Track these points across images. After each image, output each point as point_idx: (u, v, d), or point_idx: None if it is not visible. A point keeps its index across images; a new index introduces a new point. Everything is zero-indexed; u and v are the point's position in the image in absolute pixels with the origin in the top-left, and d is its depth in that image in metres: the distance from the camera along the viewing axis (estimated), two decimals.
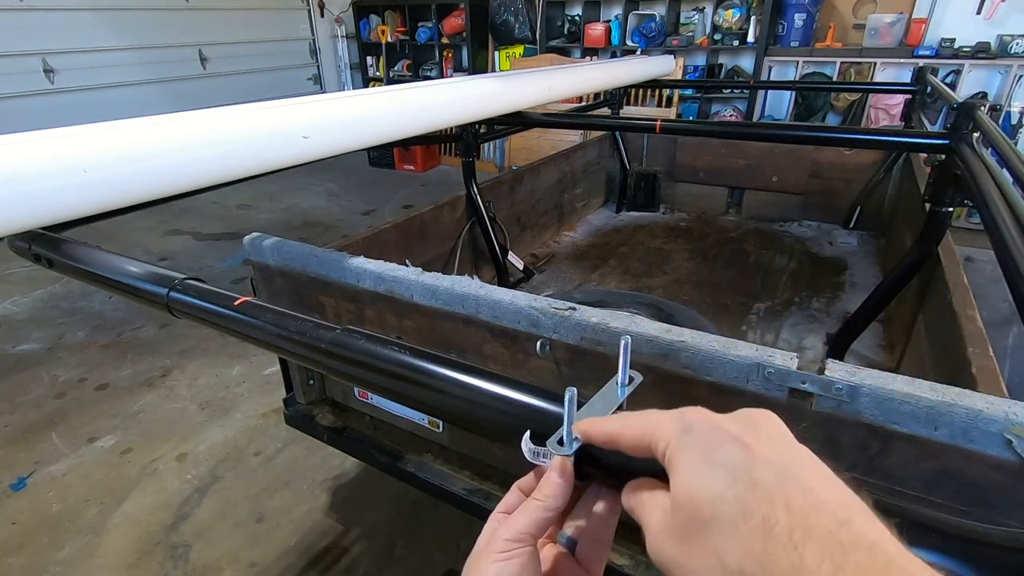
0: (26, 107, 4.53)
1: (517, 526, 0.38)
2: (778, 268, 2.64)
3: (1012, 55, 3.99)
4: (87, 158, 0.81)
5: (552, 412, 0.44)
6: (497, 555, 0.37)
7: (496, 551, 0.37)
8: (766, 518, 0.26)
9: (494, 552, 0.37)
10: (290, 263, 1.26)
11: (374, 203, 5.13)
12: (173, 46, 5.43)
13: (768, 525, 0.26)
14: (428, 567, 1.69)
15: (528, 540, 0.38)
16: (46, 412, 2.34)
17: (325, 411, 1.47)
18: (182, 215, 4.60)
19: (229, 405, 2.38)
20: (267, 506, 1.89)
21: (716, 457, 0.29)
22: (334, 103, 1.21)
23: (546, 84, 1.93)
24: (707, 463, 0.29)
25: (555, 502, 0.39)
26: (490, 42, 5.98)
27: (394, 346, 0.55)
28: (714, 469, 0.29)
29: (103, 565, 1.70)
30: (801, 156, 3.01)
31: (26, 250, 0.90)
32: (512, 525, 0.38)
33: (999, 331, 1.95)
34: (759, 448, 0.29)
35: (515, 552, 0.37)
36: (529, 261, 2.67)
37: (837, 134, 2.42)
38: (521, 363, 1.03)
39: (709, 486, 0.28)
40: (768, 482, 0.27)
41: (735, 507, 0.27)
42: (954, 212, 1.55)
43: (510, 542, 0.37)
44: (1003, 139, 1.27)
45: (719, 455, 0.29)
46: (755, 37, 4.68)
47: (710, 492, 0.28)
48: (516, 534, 0.38)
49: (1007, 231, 0.86)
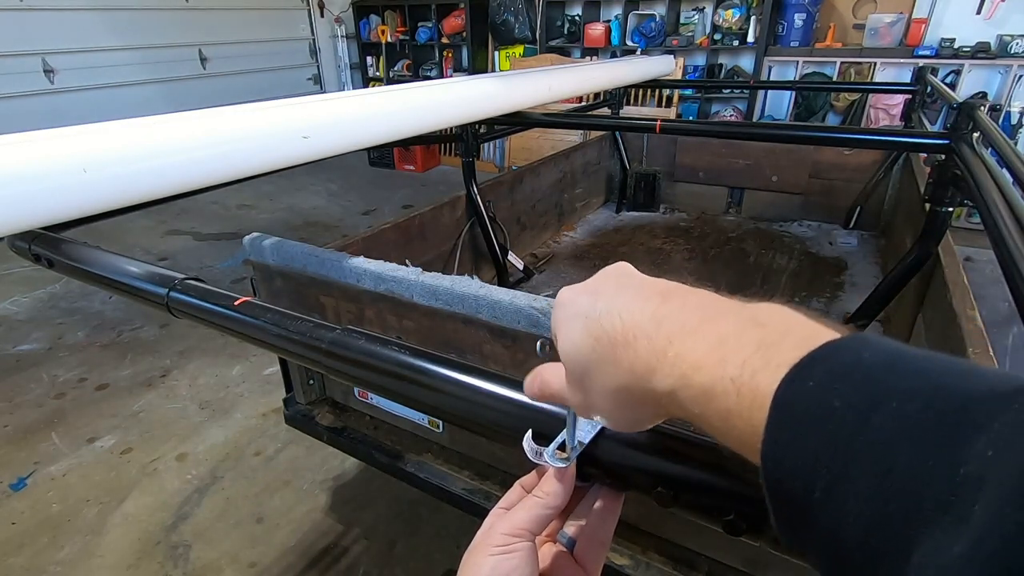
0: (26, 107, 4.53)
1: (515, 521, 0.38)
2: (778, 268, 2.64)
3: (1012, 55, 3.98)
4: (87, 158, 0.81)
5: (552, 412, 0.44)
6: (494, 548, 0.37)
7: (494, 544, 0.37)
8: (610, 336, 0.31)
9: (491, 545, 0.37)
10: (290, 263, 1.26)
11: (374, 203, 5.13)
12: (173, 46, 5.43)
13: (613, 340, 0.31)
14: (428, 567, 1.69)
15: (526, 536, 0.38)
16: (46, 412, 2.34)
17: (325, 411, 1.48)
18: (182, 215, 4.60)
19: (229, 405, 2.38)
20: (267, 506, 1.89)
21: (571, 312, 0.35)
22: (334, 103, 1.21)
23: (546, 84, 1.93)
24: (567, 320, 0.35)
25: (555, 500, 0.39)
26: (490, 42, 5.98)
27: (394, 346, 0.55)
28: (571, 323, 0.34)
29: (103, 565, 1.70)
30: (801, 156, 3.01)
31: (26, 250, 0.90)
32: (511, 520, 0.38)
33: (999, 331, 1.96)
34: (603, 289, 0.34)
35: (512, 546, 0.37)
36: (529, 261, 2.67)
37: (837, 134, 2.43)
38: (521, 363, 1.03)
39: (572, 339, 0.34)
40: (610, 306, 0.32)
41: (592, 343, 0.32)
42: (954, 212, 1.55)
43: (508, 536, 0.37)
44: (1003, 139, 1.27)
45: (572, 309, 0.35)
46: (755, 37, 4.67)
47: (574, 344, 0.33)
48: (514, 529, 0.38)
49: (1007, 231, 0.86)
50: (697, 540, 1.01)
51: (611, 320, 0.32)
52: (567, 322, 0.35)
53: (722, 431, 0.27)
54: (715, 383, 0.26)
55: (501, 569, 0.36)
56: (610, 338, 0.31)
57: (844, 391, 0.22)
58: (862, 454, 0.21)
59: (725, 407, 0.26)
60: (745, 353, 0.26)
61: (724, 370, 0.26)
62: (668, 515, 0.98)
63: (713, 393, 0.26)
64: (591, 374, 0.33)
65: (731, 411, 0.26)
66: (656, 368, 0.29)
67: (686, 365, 0.28)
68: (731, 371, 0.26)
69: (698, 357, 0.27)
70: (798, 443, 0.23)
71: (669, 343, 0.29)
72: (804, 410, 0.23)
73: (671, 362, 0.28)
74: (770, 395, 0.24)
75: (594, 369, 0.33)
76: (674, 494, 0.37)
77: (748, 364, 0.26)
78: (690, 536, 1.01)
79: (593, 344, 0.32)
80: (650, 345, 0.30)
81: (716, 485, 0.36)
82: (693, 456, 0.38)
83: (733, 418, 0.26)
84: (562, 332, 0.35)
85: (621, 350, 0.31)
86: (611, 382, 0.32)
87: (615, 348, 0.31)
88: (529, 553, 0.37)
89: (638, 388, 0.30)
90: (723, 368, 0.26)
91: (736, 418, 0.26)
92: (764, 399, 0.24)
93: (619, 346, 0.31)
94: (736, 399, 0.25)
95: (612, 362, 0.31)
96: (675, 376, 0.28)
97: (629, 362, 0.30)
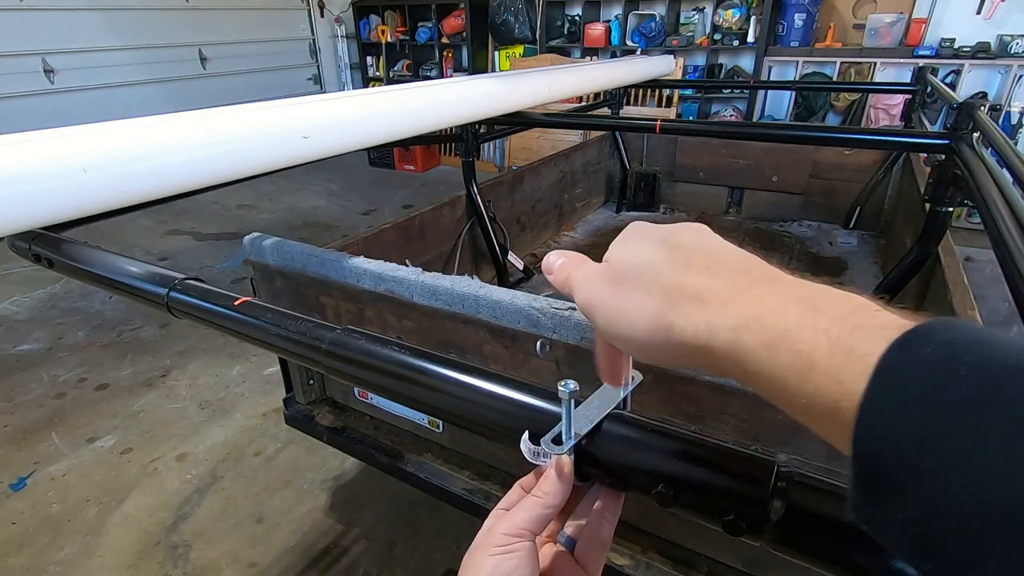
0: (26, 107, 4.52)
1: (515, 521, 0.38)
2: None
3: (1012, 55, 3.98)
4: (87, 158, 0.81)
5: (552, 412, 0.44)
6: (495, 548, 0.37)
7: (494, 544, 0.37)
8: (689, 261, 0.31)
9: (492, 546, 0.37)
10: (290, 263, 1.26)
11: (374, 203, 5.13)
12: (173, 46, 5.43)
13: (688, 264, 0.31)
14: (428, 567, 1.69)
15: (526, 535, 0.38)
16: (46, 412, 2.34)
17: (325, 411, 1.48)
18: (182, 215, 4.60)
19: (229, 405, 2.38)
20: (267, 506, 1.89)
21: (649, 233, 0.34)
22: (334, 103, 1.21)
23: (546, 84, 1.93)
24: (640, 237, 0.34)
25: (554, 499, 0.39)
26: (490, 42, 5.98)
27: (394, 346, 0.55)
28: (646, 239, 0.34)
29: (103, 565, 1.70)
30: (801, 156, 3.01)
31: (26, 250, 0.90)
32: (511, 520, 0.38)
33: (999, 331, 1.96)
34: (685, 228, 0.34)
35: (513, 546, 0.37)
36: (529, 261, 2.67)
37: (837, 134, 2.42)
38: (521, 363, 1.03)
39: (641, 247, 0.33)
40: (691, 243, 0.32)
41: (663, 255, 0.32)
42: (954, 212, 1.55)
43: (508, 536, 0.37)
44: (1003, 139, 1.27)
45: (652, 231, 0.34)
46: (755, 37, 4.67)
47: (643, 251, 0.33)
48: (514, 529, 0.38)
49: (1007, 231, 0.86)
50: (697, 540, 1.01)
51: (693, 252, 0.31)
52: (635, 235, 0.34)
53: (789, 389, 0.24)
54: (802, 329, 0.24)
55: (502, 569, 0.36)
56: (687, 259, 0.31)
57: (970, 360, 0.20)
58: (994, 427, 0.18)
59: (808, 361, 0.23)
60: (841, 310, 0.24)
61: (816, 320, 0.24)
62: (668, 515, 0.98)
63: (796, 341, 0.24)
64: (644, 275, 0.32)
65: (815, 367, 0.23)
66: (729, 300, 0.27)
67: (765, 308, 0.26)
68: (823, 322, 0.24)
69: (782, 304, 0.26)
70: (908, 412, 0.20)
71: (753, 284, 0.28)
72: (918, 379, 0.20)
73: (747, 300, 0.27)
74: (873, 356, 0.22)
75: (649, 272, 0.31)
76: (674, 494, 0.37)
77: (846, 320, 0.24)
78: (690, 536, 1.01)
79: (668, 254, 0.31)
80: (732, 281, 0.28)
81: (716, 485, 0.36)
82: (693, 456, 0.38)
83: (816, 375, 0.23)
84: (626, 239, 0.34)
85: (694, 274, 0.30)
86: (661, 285, 0.30)
87: (688, 269, 0.30)
88: (530, 553, 0.37)
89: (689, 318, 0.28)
90: (815, 317, 0.24)
91: (821, 376, 0.23)
92: (863, 359, 0.22)
93: (694, 268, 0.30)
94: (827, 353, 0.23)
95: (675, 276, 0.30)
96: (746, 315, 0.26)
97: (697, 287, 0.29)
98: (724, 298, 0.28)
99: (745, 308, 0.27)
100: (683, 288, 0.30)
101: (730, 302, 0.28)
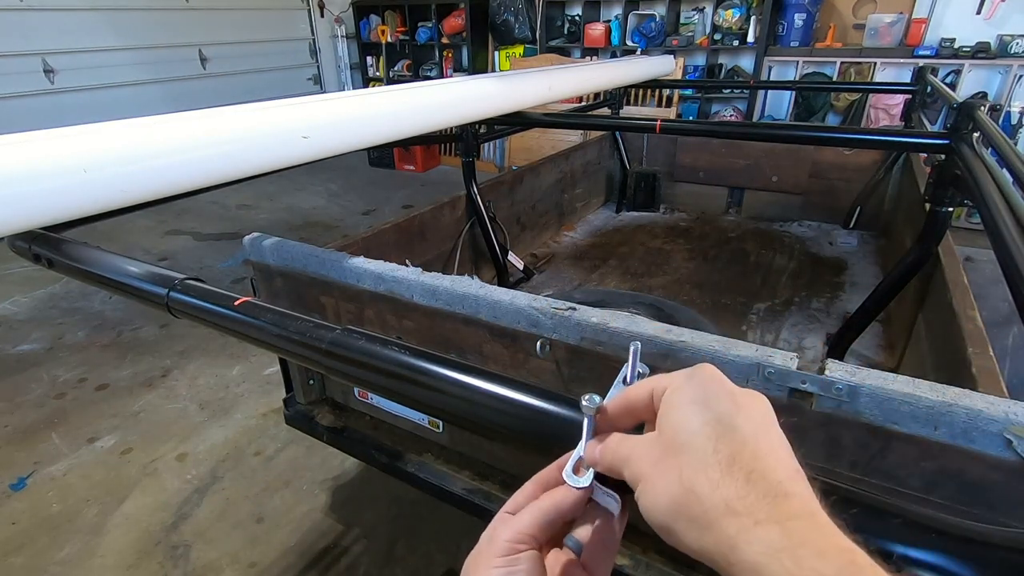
0: (26, 107, 4.52)
1: (520, 527, 0.36)
2: (778, 268, 2.63)
3: (1012, 55, 3.98)
4: (87, 158, 0.81)
5: (552, 412, 0.44)
6: (498, 559, 0.35)
7: (497, 555, 0.36)
8: (733, 457, 0.30)
9: (495, 556, 0.36)
10: (290, 263, 1.26)
11: (374, 203, 5.13)
12: (173, 46, 5.43)
13: (731, 462, 0.30)
14: (428, 567, 1.69)
15: (530, 542, 0.36)
16: (46, 412, 2.34)
17: (325, 411, 1.47)
18: (182, 215, 4.60)
19: (229, 405, 2.38)
20: (267, 506, 1.89)
21: (709, 402, 0.33)
22: (334, 103, 1.21)
23: (546, 84, 1.93)
24: (700, 404, 0.33)
25: (567, 508, 0.38)
26: (490, 42, 5.98)
27: (394, 346, 0.55)
28: (704, 410, 0.32)
29: (103, 565, 1.70)
30: (801, 156, 3.01)
31: (26, 250, 0.90)
32: (515, 526, 0.37)
33: (999, 331, 1.95)
34: (747, 408, 0.33)
35: (517, 557, 0.35)
36: (529, 261, 2.67)
37: (837, 134, 2.43)
38: (521, 363, 1.03)
39: (694, 420, 0.32)
40: (745, 432, 0.31)
41: (712, 442, 0.31)
42: (954, 212, 1.55)
43: (512, 544, 0.36)
44: (1003, 139, 1.27)
45: (712, 401, 0.33)
46: (755, 37, 4.67)
47: (694, 425, 0.32)
48: (518, 535, 0.36)
49: (1007, 231, 0.86)
50: None
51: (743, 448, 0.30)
52: (695, 402, 0.33)
53: None
54: None
55: None
56: (733, 453, 0.30)
57: None
58: None
59: None
60: None
61: None
62: None
63: None
64: (683, 454, 0.31)
65: None
66: (762, 522, 0.28)
67: (802, 545, 0.26)
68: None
69: (822, 547, 0.26)
70: None
71: (792, 516, 0.28)
72: None
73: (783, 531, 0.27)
74: None
75: (692, 455, 0.31)
76: None
77: None
78: None
79: (714, 446, 0.31)
80: (768, 503, 0.28)
81: None
82: None
83: None
84: (686, 405, 0.33)
85: (733, 476, 0.29)
86: (690, 478, 0.30)
87: (730, 468, 0.29)
88: (534, 562, 0.36)
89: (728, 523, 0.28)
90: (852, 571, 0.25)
91: None
92: None
93: (736, 469, 0.29)
94: None
95: (707, 468, 0.30)
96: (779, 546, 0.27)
97: (729, 495, 0.29)
98: (757, 518, 0.28)
99: (779, 539, 0.27)
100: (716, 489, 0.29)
101: (763, 524, 0.28)
